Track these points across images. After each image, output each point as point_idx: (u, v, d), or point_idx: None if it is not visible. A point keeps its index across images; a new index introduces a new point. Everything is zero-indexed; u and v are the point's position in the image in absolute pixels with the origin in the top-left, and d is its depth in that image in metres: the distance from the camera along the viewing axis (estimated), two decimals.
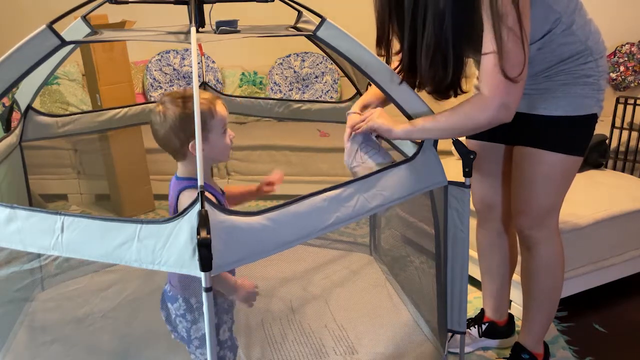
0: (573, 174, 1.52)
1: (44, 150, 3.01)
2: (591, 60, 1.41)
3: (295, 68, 3.76)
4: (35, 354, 1.69)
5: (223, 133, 1.32)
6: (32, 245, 1.14)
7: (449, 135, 1.40)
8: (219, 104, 1.31)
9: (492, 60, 1.24)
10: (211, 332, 1.08)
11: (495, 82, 1.25)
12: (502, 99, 1.26)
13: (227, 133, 1.33)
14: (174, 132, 1.26)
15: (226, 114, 1.33)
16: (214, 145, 1.30)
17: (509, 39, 1.22)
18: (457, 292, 1.56)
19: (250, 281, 1.30)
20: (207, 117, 1.26)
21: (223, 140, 1.32)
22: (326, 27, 1.34)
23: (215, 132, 1.29)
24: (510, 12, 1.21)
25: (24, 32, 1.33)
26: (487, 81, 1.27)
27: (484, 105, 1.29)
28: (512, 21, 1.21)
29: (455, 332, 1.63)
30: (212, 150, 1.29)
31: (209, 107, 1.28)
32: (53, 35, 1.31)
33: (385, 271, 2.21)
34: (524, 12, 1.22)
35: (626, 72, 3.67)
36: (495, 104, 1.27)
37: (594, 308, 2.09)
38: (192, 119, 1.12)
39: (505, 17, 1.20)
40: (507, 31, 1.21)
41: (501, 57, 1.22)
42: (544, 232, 1.56)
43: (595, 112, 1.45)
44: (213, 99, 1.31)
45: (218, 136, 1.30)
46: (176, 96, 1.28)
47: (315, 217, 1.22)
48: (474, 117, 1.31)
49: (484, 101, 1.28)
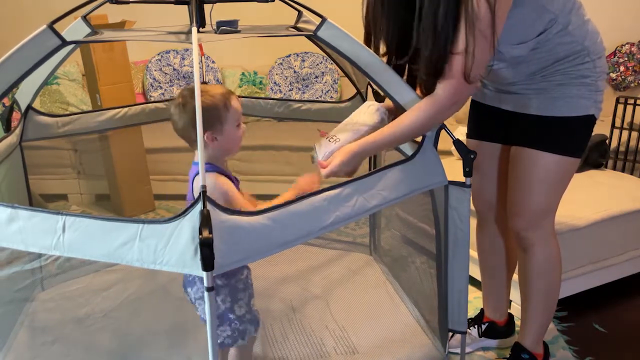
0: (570, 175, 1.52)
1: (44, 150, 3.00)
2: (588, 61, 1.40)
3: (295, 68, 3.76)
4: (36, 354, 1.69)
5: (237, 126, 1.41)
6: (34, 245, 1.14)
7: (406, 140, 1.45)
8: (234, 98, 1.40)
9: (459, 60, 1.27)
10: (212, 333, 1.09)
11: (453, 82, 1.29)
12: (456, 97, 1.32)
13: (240, 126, 1.42)
14: (192, 123, 1.29)
15: (240, 108, 1.41)
16: (228, 137, 1.39)
17: (478, 43, 1.24)
18: (457, 292, 1.56)
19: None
20: (222, 111, 1.36)
21: (236, 133, 1.41)
22: (326, 27, 1.34)
23: (229, 124, 1.38)
24: (484, 16, 1.22)
25: (24, 32, 1.33)
26: (447, 79, 1.30)
27: (439, 104, 1.33)
28: (485, 25, 1.23)
29: (455, 332, 1.63)
30: (226, 141, 1.39)
31: (224, 101, 1.37)
32: (54, 35, 1.31)
33: (385, 271, 2.21)
34: (499, 17, 1.24)
35: (626, 72, 3.68)
36: (448, 103, 1.33)
37: (594, 308, 2.09)
38: (208, 112, 1.30)
39: (478, 21, 1.22)
40: (478, 34, 1.23)
41: (468, 59, 1.25)
42: (539, 234, 1.56)
43: (593, 114, 1.44)
44: (228, 93, 1.40)
45: (232, 128, 1.39)
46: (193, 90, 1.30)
47: (315, 216, 1.22)
48: (430, 119, 1.36)
49: (439, 101, 1.33)
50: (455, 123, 3.41)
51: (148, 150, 3.00)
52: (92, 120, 2.09)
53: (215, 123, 1.36)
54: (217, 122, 1.36)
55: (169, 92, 3.67)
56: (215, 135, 1.37)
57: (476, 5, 1.22)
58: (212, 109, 1.35)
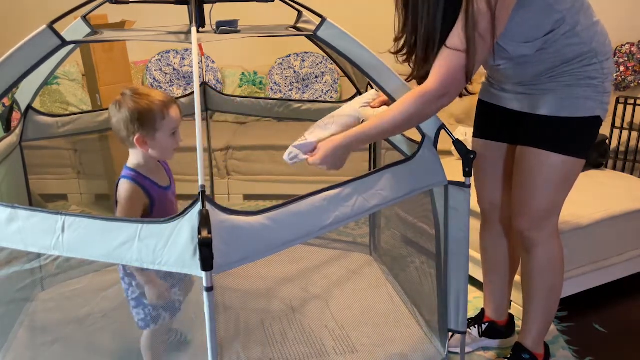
0: (575, 176, 1.52)
1: (44, 150, 3.00)
2: (596, 62, 1.40)
3: (295, 68, 3.76)
4: (36, 354, 1.69)
5: (171, 135, 1.43)
6: (33, 245, 1.14)
7: (394, 133, 1.44)
8: (174, 107, 1.42)
9: (454, 55, 1.26)
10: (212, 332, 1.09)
11: (445, 75, 1.28)
12: (446, 89, 1.30)
13: (176, 135, 1.44)
14: (124, 123, 1.39)
15: (178, 118, 1.44)
16: (159, 144, 1.42)
17: (478, 43, 1.24)
18: (457, 292, 1.56)
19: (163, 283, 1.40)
20: (157, 117, 1.38)
21: (169, 141, 1.43)
22: (326, 27, 1.34)
23: (162, 132, 1.40)
24: (484, 17, 1.23)
25: (24, 32, 1.33)
26: (439, 71, 1.29)
27: (427, 95, 1.31)
28: (484, 27, 1.23)
29: (455, 332, 1.63)
30: (156, 147, 1.42)
31: (162, 109, 1.39)
32: (53, 35, 1.31)
33: (385, 271, 2.21)
34: (500, 18, 1.24)
35: (626, 72, 3.68)
36: (437, 93, 1.30)
37: (594, 308, 2.09)
38: (142, 115, 1.36)
39: (478, 23, 1.23)
40: (477, 36, 1.24)
41: (468, 58, 1.25)
42: (543, 234, 1.56)
43: (599, 115, 1.44)
44: (169, 102, 1.42)
45: (165, 136, 1.41)
46: (135, 92, 1.40)
47: (315, 216, 1.22)
48: (418, 110, 1.34)
49: (427, 92, 1.31)
50: (455, 123, 3.41)
51: None
52: (92, 120, 2.09)
53: (148, 128, 1.39)
54: (151, 127, 1.38)
55: (169, 92, 3.67)
56: (147, 140, 1.40)
57: (477, 7, 1.22)
58: (148, 113, 1.38)
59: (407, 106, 1.34)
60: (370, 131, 1.39)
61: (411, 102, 1.33)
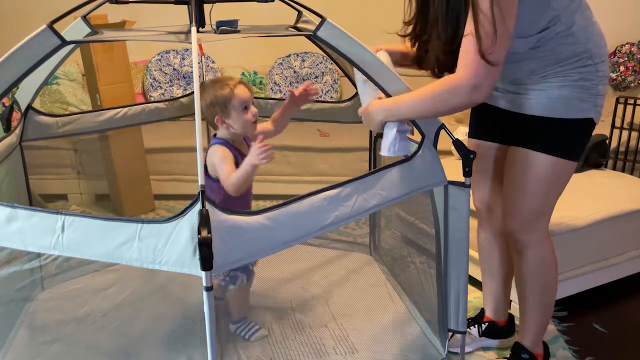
0: (566, 178, 1.51)
1: (44, 150, 3.00)
2: (590, 64, 1.39)
3: (295, 68, 3.76)
4: (36, 353, 1.69)
5: (243, 109, 1.63)
6: (33, 245, 1.14)
7: (422, 115, 1.42)
8: (239, 87, 1.62)
9: (469, 41, 1.26)
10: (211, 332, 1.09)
11: (467, 62, 1.27)
12: (473, 79, 1.26)
13: (249, 109, 1.64)
14: (206, 110, 1.65)
15: (246, 94, 1.63)
16: (235, 120, 1.63)
17: (483, 23, 1.23)
18: (457, 292, 1.56)
19: (256, 145, 1.47)
20: (226, 99, 1.61)
21: (242, 115, 1.63)
22: (326, 27, 1.34)
23: (235, 109, 1.62)
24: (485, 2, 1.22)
25: (24, 32, 1.33)
26: (462, 61, 1.28)
27: (455, 85, 1.29)
28: (486, 7, 1.22)
29: (455, 332, 1.63)
30: (234, 124, 1.63)
31: (229, 89, 1.61)
32: (53, 35, 1.31)
33: (385, 271, 2.21)
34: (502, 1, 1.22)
35: (626, 72, 3.68)
36: (465, 84, 1.27)
37: (594, 308, 2.09)
38: (214, 101, 1.60)
39: (480, 4, 1.22)
40: (481, 15, 1.23)
41: (477, 39, 1.24)
42: (533, 236, 1.55)
43: (592, 117, 1.43)
44: (235, 83, 1.63)
45: (238, 112, 1.62)
46: (210, 81, 1.65)
47: (315, 216, 1.22)
48: (445, 96, 1.31)
49: (455, 81, 1.29)
50: (456, 123, 3.41)
51: (148, 150, 3.00)
52: (92, 120, 2.09)
53: (222, 108, 1.61)
54: (224, 108, 1.61)
55: (169, 92, 3.67)
56: (224, 119, 1.63)
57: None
58: (218, 98, 1.61)
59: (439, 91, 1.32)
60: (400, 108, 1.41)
61: (443, 87, 1.31)
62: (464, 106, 1.33)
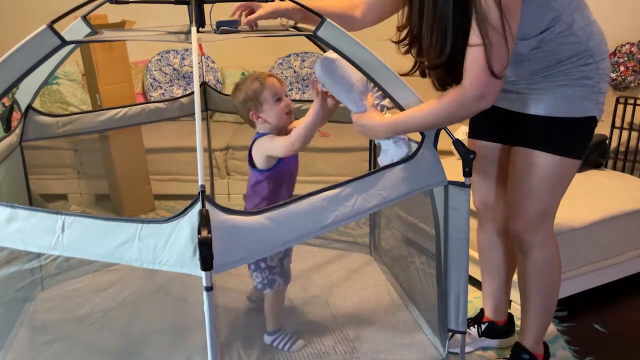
0: (570, 177, 1.51)
1: (44, 150, 3.01)
2: (592, 62, 1.40)
3: (295, 68, 3.76)
4: (36, 353, 1.69)
5: (276, 101, 1.62)
6: (33, 245, 1.14)
7: (430, 128, 1.43)
8: (268, 79, 1.63)
9: (476, 52, 1.26)
10: (211, 332, 1.09)
11: (476, 73, 1.27)
12: (481, 90, 1.28)
13: (282, 100, 1.64)
14: (240, 108, 1.68)
15: (276, 85, 1.63)
16: (269, 112, 1.63)
17: (492, 37, 1.23)
18: (457, 292, 1.56)
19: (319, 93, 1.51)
20: (257, 92, 1.61)
21: (276, 107, 1.62)
22: (326, 27, 1.34)
23: (267, 102, 1.62)
24: (493, 10, 1.22)
25: (24, 32, 1.33)
26: (469, 72, 1.28)
27: (463, 97, 1.30)
28: (495, 20, 1.22)
29: (455, 332, 1.63)
30: (269, 116, 1.63)
31: (259, 83, 1.62)
32: (53, 35, 1.31)
33: (385, 271, 2.21)
34: (510, 10, 1.23)
35: (626, 72, 3.68)
36: (473, 96, 1.29)
37: (594, 308, 2.09)
38: (246, 98, 1.63)
39: (488, 16, 1.22)
40: (490, 29, 1.22)
41: (486, 52, 1.24)
42: (538, 236, 1.55)
43: (594, 115, 1.44)
44: (264, 77, 1.63)
45: (270, 105, 1.62)
46: (242, 81, 1.66)
47: (315, 216, 1.22)
48: (453, 109, 1.33)
49: (463, 93, 1.30)
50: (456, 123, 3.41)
51: (148, 150, 3.00)
52: (92, 120, 2.09)
53: (255, 104, 1.62)
54: (257, 102, 1.61)
55: (169, 92, 3.67)
56: (258, 114, 1.63)
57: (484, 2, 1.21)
58: (251, 91, 1.62)
59: (446, 103, 1.33)
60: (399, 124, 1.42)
61: (451, 100, 1.32)
62: (472, 115, 1.37)
